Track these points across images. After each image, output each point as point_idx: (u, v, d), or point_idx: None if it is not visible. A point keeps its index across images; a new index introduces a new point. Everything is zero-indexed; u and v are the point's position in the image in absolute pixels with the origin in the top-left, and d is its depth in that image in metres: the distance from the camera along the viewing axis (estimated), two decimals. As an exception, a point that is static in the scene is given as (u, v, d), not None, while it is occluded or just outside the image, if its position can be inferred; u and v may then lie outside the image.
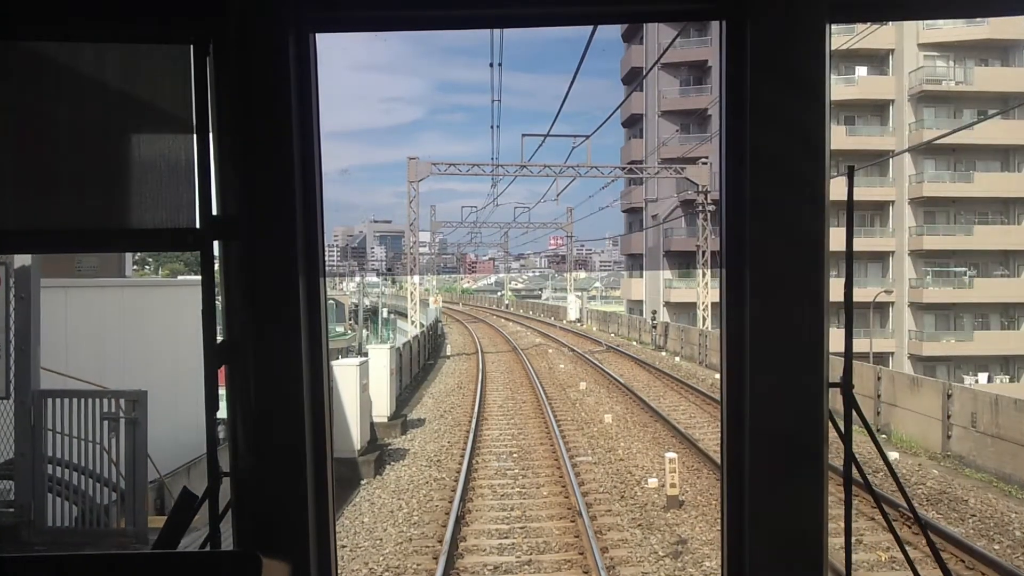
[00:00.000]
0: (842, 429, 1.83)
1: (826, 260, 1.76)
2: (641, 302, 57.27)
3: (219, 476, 1.78)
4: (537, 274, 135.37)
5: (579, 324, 59.23)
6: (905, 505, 4.45)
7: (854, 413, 1.84)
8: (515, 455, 17.30)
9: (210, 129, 1.73)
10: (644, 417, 21.22)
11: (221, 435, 1.89)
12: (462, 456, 17.03)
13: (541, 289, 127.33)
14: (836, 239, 1.82)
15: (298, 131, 1.77)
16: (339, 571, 2.25)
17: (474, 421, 20.65)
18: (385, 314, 54.02)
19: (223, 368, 1.78)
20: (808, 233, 1.74)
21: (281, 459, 1.78)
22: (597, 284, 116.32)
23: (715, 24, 1.89)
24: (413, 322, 39.28)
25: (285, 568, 1.78)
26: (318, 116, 1.82)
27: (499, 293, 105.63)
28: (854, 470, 1.86)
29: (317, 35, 1.83)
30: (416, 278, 39.45)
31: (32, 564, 1.75)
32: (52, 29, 1.74)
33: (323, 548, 1.85)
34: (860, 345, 43.70)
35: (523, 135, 34.19)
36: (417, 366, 31.16)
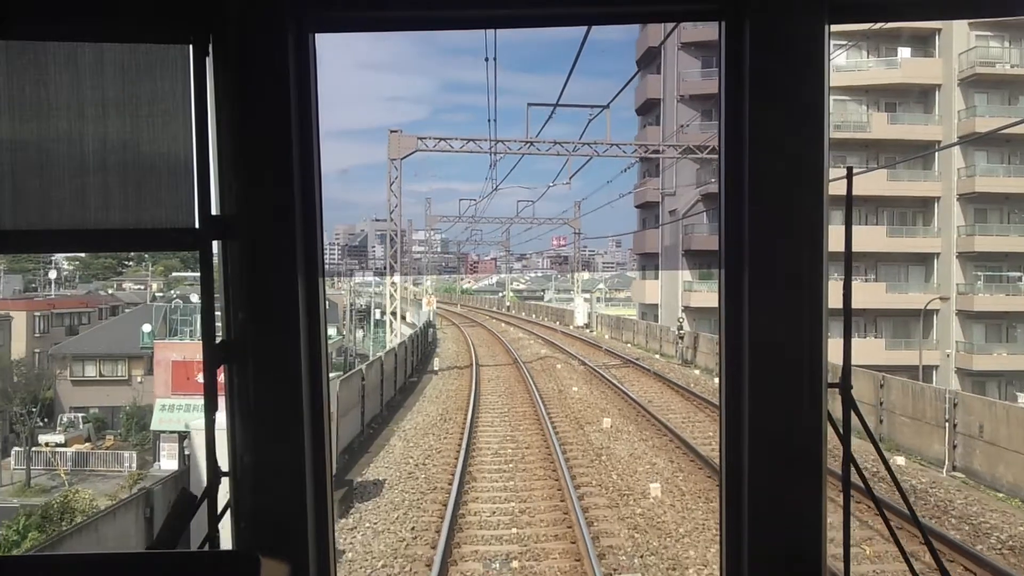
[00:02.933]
0: (841, 431, 1.76)
1: (825, 260, 1.72)
2: (656, 305, 50.66)
3: (218, 476, 1.72)
4: (539, 275, 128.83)
5: (588, 330, 52.10)
6: (907, 510, 3.13)
7: (853, 415, 1.78)
8: (516, 561, 10.24)
9: (209, 129, 1.70)
10: (706, 483, 14.10)
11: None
12: (429, 565, 10.02)
13: (544, 290, 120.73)
14: (840, 240, 1.80)
15: (298, 131, 1.74)
16: (338, 572, 1.94)
17: (456, 484, 13.63)
18: (379, 315, 49.21)
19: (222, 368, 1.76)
20: (807, 233, 1.71)
21: (280, 459, 1.75)
22: (601, 285, 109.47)
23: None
24: (394, 329, 31.95)
25: (284, 568, 1.74)
26: (318, 116, 1.80)
27: (500, 294, 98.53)
28: (854, 473, 1.78)
29: (318, 35, 1.80)
30: (397, 277, 32.08)
31: (32, 564, 1.78)
32: (52, 29, 1.71)
33: (322, 548, 1.80)
34: (907, 357, 38.72)
35: (529, 104, 27.13)
36: (393, 388, 24.13)
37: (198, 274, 1.77)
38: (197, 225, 1.70)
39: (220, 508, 1.70)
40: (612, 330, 49.12)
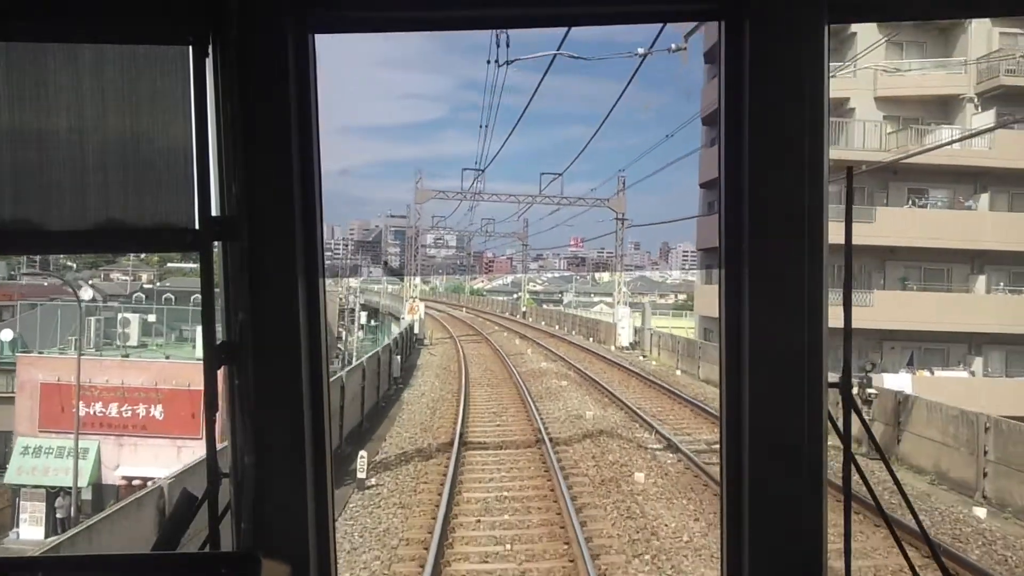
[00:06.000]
0: (841, 430, 1.73)
1: (826, 259, 1.69)
2: (730, 321, 34.43)
3: (219, 477, 1.70)
4: (557, 276, 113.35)
5: (640, 356, 35.89)
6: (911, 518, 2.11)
7: (853, 414, 1.75)
8: None
9: (209, 129, 1.69)
10: None
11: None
12: None
13: (562, 292, 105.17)
14: (851, 237, 1.78)
15: (298, 131, 1.73)
16: (338, 571, 1.92)
17: None
18: (364, 319, 43.90)
19: (223, 368, 1.74)
20: (808, 233, 1.68)
21: (281, 460, 1.73)
22: (624, 289, 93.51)
23: None
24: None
25: (285, 569, 1.72)
26: (318, 116, 1.78)
27: (515, 296, 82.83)
28: (855, 474, 1.74)
29: (324, 35, 1.80)
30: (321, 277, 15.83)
31: (32, 564, 1.76)
32: (52, 29, 1.69)
33: (322, 548, 1.79)
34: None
35: None
36: None
37: (194, 265, 1.35)
38: (197, 225, 1.67)
39: (221, 509, 1.67)
40: (679, 358, 32.10)
